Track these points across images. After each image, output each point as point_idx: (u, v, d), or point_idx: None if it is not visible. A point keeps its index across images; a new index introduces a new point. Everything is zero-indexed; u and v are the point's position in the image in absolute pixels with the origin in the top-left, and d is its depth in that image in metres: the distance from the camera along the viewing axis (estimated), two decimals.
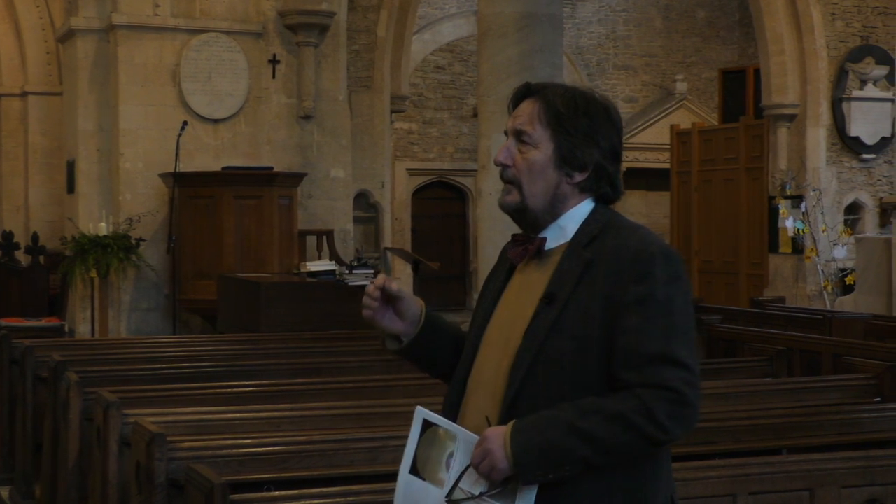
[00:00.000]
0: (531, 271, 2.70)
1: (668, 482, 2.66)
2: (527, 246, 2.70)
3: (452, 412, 2.71)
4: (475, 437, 2.55)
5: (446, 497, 2.53)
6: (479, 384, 2.68)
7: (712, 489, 4.02)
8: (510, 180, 2.69)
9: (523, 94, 2.73)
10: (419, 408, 2.62)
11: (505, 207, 2.72)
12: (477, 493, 2.51)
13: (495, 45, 9.12)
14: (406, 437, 4.69)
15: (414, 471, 2.58)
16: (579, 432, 2.46)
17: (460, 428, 2.59)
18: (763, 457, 4.58)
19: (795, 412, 5.37)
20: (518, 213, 2.69)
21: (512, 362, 2.59)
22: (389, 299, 2.77)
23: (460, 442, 2.55)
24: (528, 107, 2.70)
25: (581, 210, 2.68)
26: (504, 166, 2.69)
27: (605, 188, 2.70)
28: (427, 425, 2.58)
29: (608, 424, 2.46)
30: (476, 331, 2.76)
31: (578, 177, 2.67)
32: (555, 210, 2.68)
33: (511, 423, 2.52)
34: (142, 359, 7.23)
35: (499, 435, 2.50)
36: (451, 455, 2.55)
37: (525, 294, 2.67)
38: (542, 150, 2.67)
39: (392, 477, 4.49)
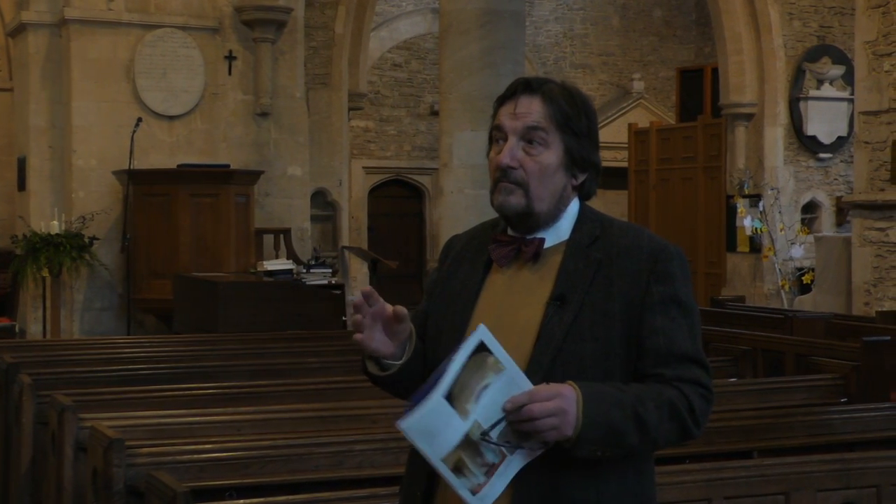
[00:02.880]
0: (522, 272, 2.57)
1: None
2: (517, 247, 2.57)
3: None
4: (526, 383, 2.32)
5: (480, 435, 2.28)
6: None
7: (687, 493, 3.93)
8: (517, 182, 2.53)
9: (522, 90, 2.57)
10: (482, 326, 2.33)
11: (506, 209, 2.54)
12: (512, 443, 2.30)
13: (457, 41, 9.03)
14: (372, 440, 4.63)
15: (449, 397, 2.27)
16: (638, 418, 2.39)
17: (513, 363, 2.33)
18: (735, 460, 4.52)
19: (765, 413, 5.31)
20: (521, 216, 2.55)
21: (525, 369, 2.42)
22: (378, 316, 2.50)
23: (504, 377, 2.31)
24: (532, 104, 2.54)
25: (572, 209, 2.60)
26: (510, 168, 2.53)
27: (594, 185, 2.62)
28: (480, 349, 2.30)
29: (659, 412, 2.41)
30: (453, 336, 2.55)
31: (581, 177, 2.59)
32: (557, 212, 2.57)
33: (577, 388, 2.35)
34: (97, 360, 7.06)
35: (573, 399, 2.33)
36: (485, 387, 2.30)
37: (517, 296, 2.55)
38: (554, 152, 2.54)
39: (358, 483, 4.43)
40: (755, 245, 15.41)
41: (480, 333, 2.32)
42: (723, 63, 16.17)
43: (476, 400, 2.28)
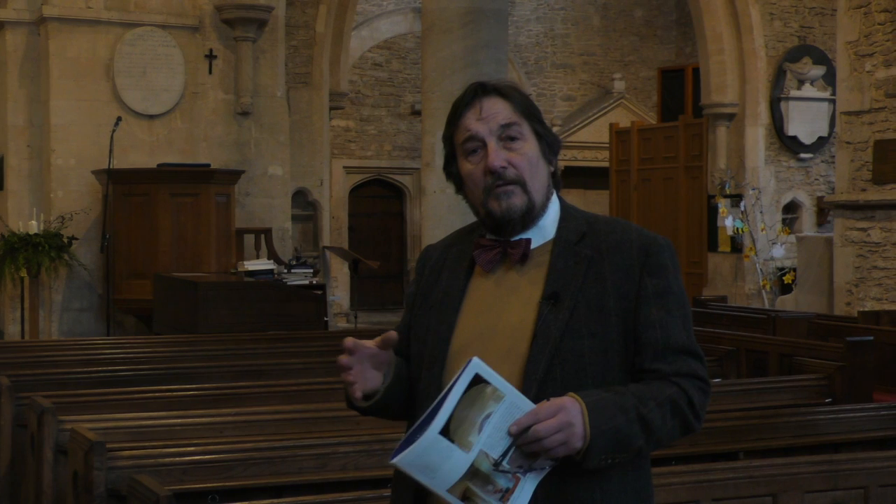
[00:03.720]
0: (508, 274, 2.53)
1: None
2: (502, 251, 2.53)
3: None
4: (527, 404, 2.28)
5: (494, 465, 2.24)
6: None
7: (675, 495, 3.90)
8: (514, 180, 2.50)
9: (481, 94, 2.55)
10: (476, 359, 2.28)
11: (511, 212, 2.49)
12: (524, 466, 2.27)
13: (440, 40, 8.98)
14: (356, 442, 4.59)
15: (445, 431, 2.22)
16: (643, 419, 2.36)
17: (512, 388, 2.29)
18: (722, 461, 4.49)
19: (751, 414, 5.28)
20: (525, 215, 2.51)
21: (523, 369, 2.41)
22: (366, 357, 2.45)
23: (505, 404, 2.26)
24: (495, 104, 2.53)
25: (553, 206, 2.58)
26: (502, 169, 2.50)
27: (558, 172, 2.63)
28: (476, 382, 2.26)
29: (661, 411, 2.39)
30: (438, 345, 2.52)
31: (555, 162, 2.60)
32: (546, 203, 2.56)
33: (579, 399, 2.33)
34: (76, 361, 6.99)
35: (577, 409, 2.30)
36: (488, 417, 2.25)
37: (505, 298, 2.51)
38: (531, 142, 2.54)
39: (342, 485, 4.39)
40: (736, 245, 15.42)
41: (474, 367, 2.26)
42: (704, 63, 16.18)
43: (479, 431, 2.25)
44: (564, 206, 2.59)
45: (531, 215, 2.52)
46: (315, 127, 15.49)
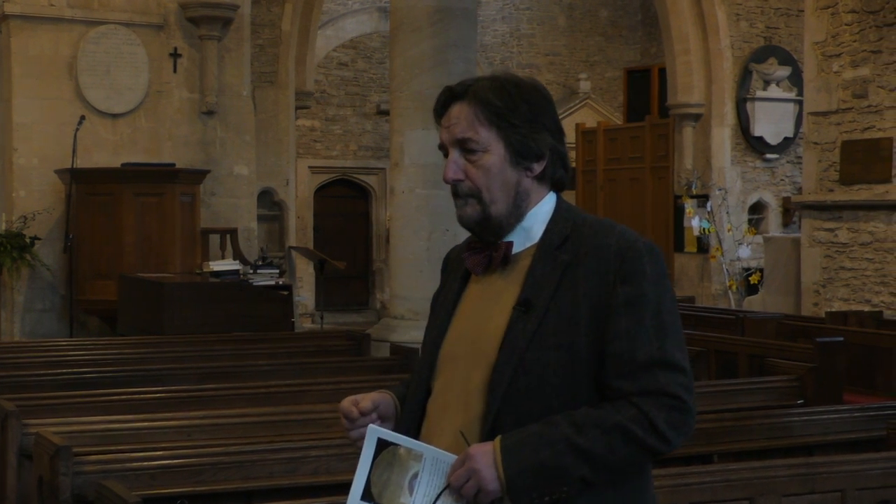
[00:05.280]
0: (494, 279, 2.48)
1: (653, 496, 2.47)
2: (489, 254, 2.47)
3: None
4: (449, 456, 2.30)
5: None
6: (446, 405, 2.44)
7: None
8: (468, 194, 2.45)
9: (447, 99, 2.49)
10: (372, 426, 2.33)
11: (465, 221, 2.47)
12: None
13: (408, 39, 8.91)
14: (328, 446, 4.53)
15: (367, 497, 2.29)
16: (577, 449, 2.25)
17: (427, 446, 2.32)
18: (696, 464, 4.46)
19: (724, 416, 5.26)
20: (481, 224, 2.46)
21: (488, 378, 2.36)
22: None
23: (427, 461, 2.29)
24: (459, 111, 2.45)
25: (544, 207, 2.48)
26: (457, 181, 2.45)
27: (560, 171, 2.50)
28: (382, 445, 2.30)
29: (607, 438, 2.26)
30: (430, 348, 2.52)
31: (538, 167, 2.46)
32: (519, 210, 2.46)
33: (497, 441, 2.28)
34: (40, 363, 6.90)
35: (486, 453, 2.26)
36: (415, 476, 2.29)
37: (489, 303, 2.45)
38: (494, 152, 2.44)
39: (313, 490, 4.32)
40: (703, 245, 15.45)
41: (373, 432, 2.30)
42: (670, 63, 16.20)
43: (411, 492, 2.28)
44: (559, 207, 2.49)
45: (490, 224, 2.45)
46: (281, 126, 15.39)
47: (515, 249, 2.46)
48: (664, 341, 2.32)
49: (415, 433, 2.45)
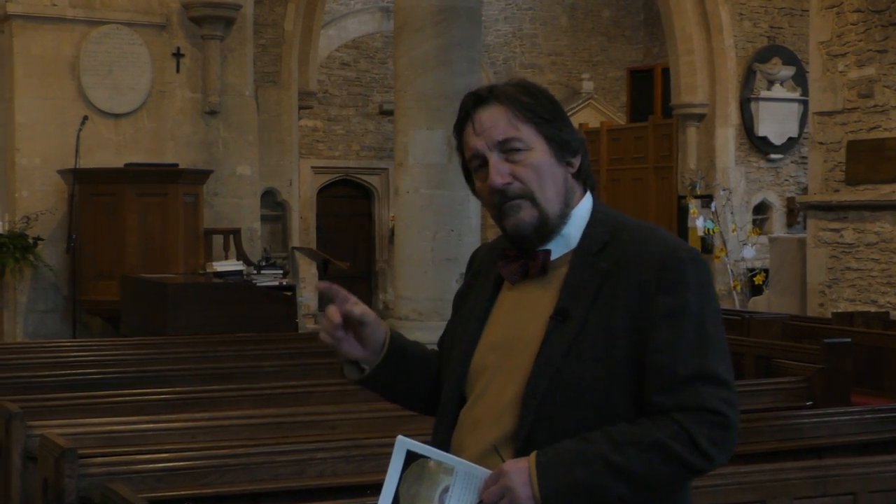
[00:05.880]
0: (531, 287, 2.38)
1: None
2: (525, 262, 2.37)
3: (443, 450, 2.37)
4: (482, 471, 2.22)
5: None
6: (481, 417, 2.35)
7: None
8: (520, 195, 2.34)
9: (473, 105, 2.39)
10: (401, 437, 2.24)
11: (522, 229, 2.34)
12: None
13: (412, 38, 8.87)
14: (334, 448, 4.49)
15: None
16: (615, 468, 2.17)
17: (459, 459, 2.24)
18: None
19: None
20: (538, 230, 2.35)
21: (523, 390, 2.28)
22: (350, 324, 2.37)
23: (459, 476, 2.21)
24: (492, 114, 2.35)
25: (581, 210, 2.38)
26: (506, 185, 2.34)
27: (590, 168, 2.43)
28: (412, 457, 2.22)
29: (646, 456, 2.17)
30: (461, 357, 2.43)
31: (576, 162, 2.38)
32: (565, 211, 2.36)
33: (533, 457, 2.20)
34: (43, 364, 6.86)
35: (521, 471, 2.18)
36: (445, 490, 2.21)
37: (525, 312, 2.36)
38: (538, 149, 2.34)
39: (320, 492, 4.28)
40: (707, 246, 15.40)
41: (401, 445, 2.22)
42: (674, 63, 16.16)
43: None
44: (595, 210, 2.40)
45: (546, 228, 2.35)
46: (284, 126, 15.35)
47: (553, 256, 2.37)
48: (706, 354, 2.23)
49: (446, 445, 2.37)
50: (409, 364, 2.50)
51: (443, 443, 2.37)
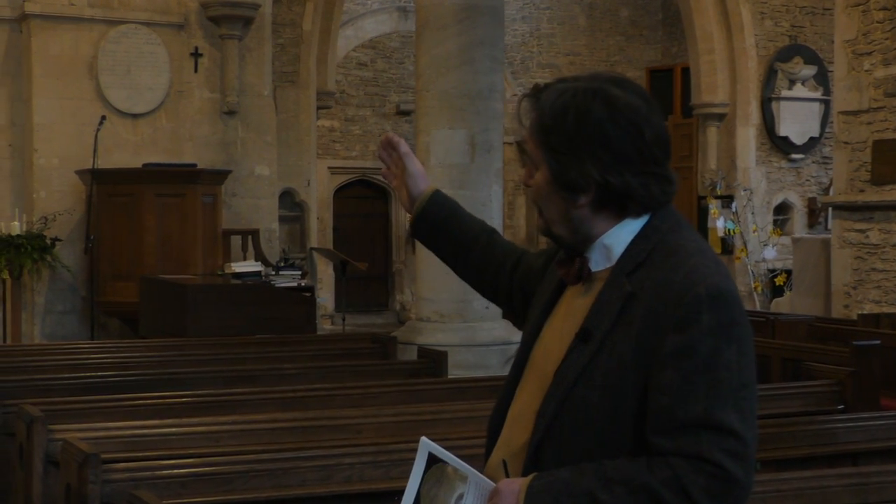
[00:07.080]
0: (578, 295, 2.30)
1: None
2: (569, 269, 2.29)
3: (492, 438, 2.38)
4: (489, 484, 2.24)
5: None
6: (515, 416, 2.34)
7: None
8: (534, 202, 2.32)
9: (528, 94, 2.30)
10: (424, 439, 2.25)
11: (542, 230, 2.34)
12: None
13: (434, 37, 8.79)
14: (362, 453, 4.41)
15: None
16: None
17: (472, 469, 2.26)
18: None
19: (766, 423, 5.09)
20: (550, 237, 2.31)
21: (539, 407, 2.23)
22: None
23: (472, 485, 2.23)
24: (528, 115, 2.28)
25: (629, 226, 2.23)
26: (527, 186, 2.31)
27: (631, 205, 2.21)
28: (433, 460, 2.24)
29: (632, 498, 2.06)
30: (523, 345, 2.39)
31: (584, 199, 2.21)
32: (580, 236, 2.26)
33: (528, 480, 2.16)
34: (62, 366, 6.78)
35: (512, 493, 2.15)
36: (460, 497, 2.23)
37: (567, 322, 2.28)
38: (542, 172, 2.26)
39: (347, 498, 4.20)
40: (727, 246, 15.30)
41: (424, 447, 2.24)
42: (694, 63, 16.05)
43: None
44: (647, 226, 2.23)
45: (561, 242, 2.30)
46: (302, 126, 15.28)
47: (594, 267, 2.26)
48: (715, 401, 2.07)
49: (496, 434, 2.37)
50: (453, 223, 2.72)
51: (494, 431, 2.38)
